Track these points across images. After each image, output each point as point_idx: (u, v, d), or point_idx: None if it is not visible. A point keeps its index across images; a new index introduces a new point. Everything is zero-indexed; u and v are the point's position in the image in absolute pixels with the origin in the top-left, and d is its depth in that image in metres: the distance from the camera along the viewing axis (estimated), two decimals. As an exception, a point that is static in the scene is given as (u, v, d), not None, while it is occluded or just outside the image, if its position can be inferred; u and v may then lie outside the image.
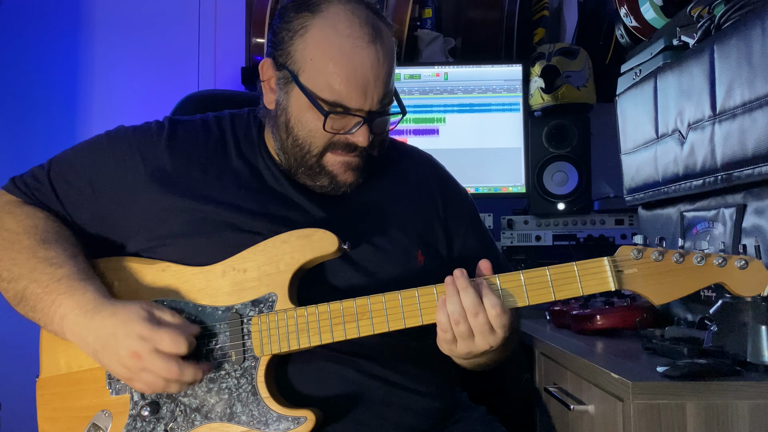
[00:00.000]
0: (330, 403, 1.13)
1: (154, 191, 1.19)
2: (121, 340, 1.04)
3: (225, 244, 1.15)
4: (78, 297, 1.08)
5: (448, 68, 2.50)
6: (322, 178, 1.19)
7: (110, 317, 1.05)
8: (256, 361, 1.10)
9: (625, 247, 1.06)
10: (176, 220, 1.17)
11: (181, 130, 1.26)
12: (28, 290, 1.11)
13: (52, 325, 1.10)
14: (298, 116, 1.16)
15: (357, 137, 1.15)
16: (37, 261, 1.11)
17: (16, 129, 2.80)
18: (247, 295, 1.12)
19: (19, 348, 2.70)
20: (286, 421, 1.08)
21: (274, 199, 1.21)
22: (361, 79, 1.12)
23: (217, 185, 1.20)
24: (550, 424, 1.43)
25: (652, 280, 1.04)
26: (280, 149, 1.21)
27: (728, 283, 1.02)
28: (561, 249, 2.35)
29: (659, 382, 1.02)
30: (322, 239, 1.11)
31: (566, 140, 2.39)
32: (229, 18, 2.80)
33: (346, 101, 1.13)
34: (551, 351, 1.40)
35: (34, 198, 1.21)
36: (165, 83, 2.79)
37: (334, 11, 1.14)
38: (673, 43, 1.65)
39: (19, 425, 2.48)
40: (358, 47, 1.12)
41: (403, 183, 1.31)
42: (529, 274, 1.07)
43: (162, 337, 1.03)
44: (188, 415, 1.11)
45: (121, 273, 1.17)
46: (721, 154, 1.34)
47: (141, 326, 1.04)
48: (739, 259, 1.01)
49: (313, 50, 1.14)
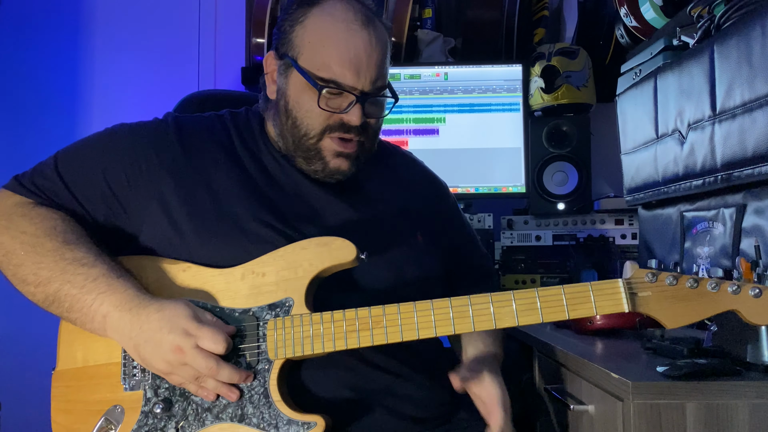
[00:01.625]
0: (336, 395, 1.14)
1: (169, 181, 1.20)
2: (165, 334, 1.06)
3: (234, 237, 1.17)
4: (120, 294, 1.09)
5: (448, 68, 2.50)
6: (316, 162, 1.23)
7: (156, 312, 1.07)
8: (269, 364, 1.11)
9: (639, 270, 1.07)
10: (190, 212, 1.19)
11: (187, 124, 1.28)
12: (61, 292, 1.11)
13: (92, 324, 1.11)
14: (296, 98, 1.22)
15: (351, 116, 1.19)
16: (67, 263, 1.11)
17: (16, 129, 2.80)
18: (264, 298, 1.13)
19: (20, 348, 2.70)
20: (296, 426, 1.08)
21: (279, 192, 1.24)
22: (355, 58, 1.19)
23: (226, 179, 1.22)
24: (550, 424, 1.43)
25: (666, 304, 1.04)
26: (280, 134, 1.26)
27: (741, 311, 1.02)
28: (561, 249, 2.35)
29: (659, 382, 1.02)
30: (341, 248, 1.12)
31: (566, 140, 2.39)
32: (229, 18, 2.80)
33: (340, 78, 1.18)
34: (551, 351, 1.40)
35: (45, 197, 1.20)
36: (165, 83, 2.79)
37: (332, 3, 1.22)
38: (673, 43, 1.66)
39: (19, 425, 2.48)
40: (352, 30, 1.20)
41: (396, 176, 1.38)
42: (544, 293, 1.08)
43: (205, 334, 1.06)
44: (199, 414, 1.11)
45: (142, 272, 1.17)
46: (721, 154, 1.34)
47: (186, 322, 1.06)
48: (753, 287, 1.01)
49: (310, 34, 1.21)
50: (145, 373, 1.13)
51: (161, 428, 1.12)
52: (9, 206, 1.18)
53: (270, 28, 2.50)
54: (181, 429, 1.11)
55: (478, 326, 1.08)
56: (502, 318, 1.08)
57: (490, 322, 1.08)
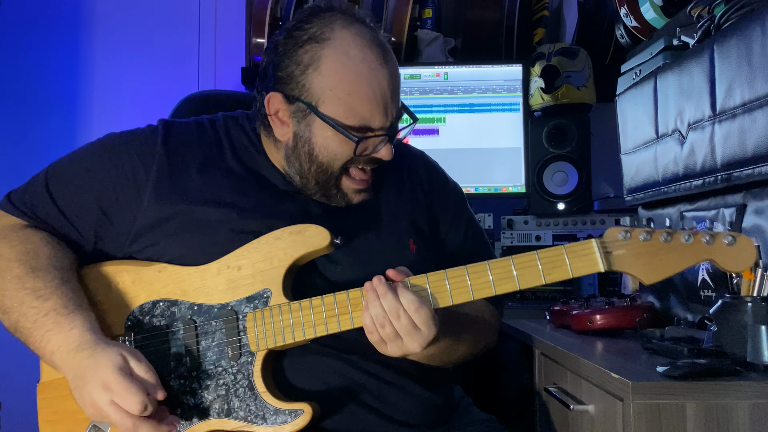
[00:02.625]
0: (324, 397, 1.14)
1: (154, 193, 1.20)
2: (87, 382, 1.05)
3: (221, 243, 1.17)
4: (64, 334, 1.09)
5: (448, 68, 2.50)
6: (338, 199, 1.23)
7: (87, 358, 1.06)
8: (252, 357, 1.12)
9: (613, 229, 1.07)
10: (175, 221, 1.19)
11: (175, 131, 1.27)
12: (19, 324, 1.13)
13: (44, 358, 1.14)
14: (323, 145, 1.18)
15: (383, 154, 1.19)
16: (25, 293, 1.13)
17: (17, 129, 2.80)
18: (241, 292, 1.14)
19: (19, 348, 2.70)
20: (284, 415, 1.09)
21: (270, 197, 1.23)
22: (381, 99, 1.16)
23: (213, 186, 1.22)
24: (550, 424, 1.43)
25: (642, 260, 1.04)
26: (299, 174, 1.22)
27: (716, 260, 1.03)
28: (561, 249, 2.34)
29: (659, 382, 1.02)
30: (314, 235, 1.13)
31: (566, 140, 2.39)
32: (229, 18, 2.80)
33: (371, 123, 1.17)
34: (551, 351, 1.40)
35: (33, 216, 1.21)
36: (165, 83, 2.79)
37: (341, 37, 1.16)
38: (673, 43, 1.65)
39: (19, 425, 2.48)
40: (374, 69, 1.16)
41: (396, 175, 1.34)
42: (518, 259, 1.08)
43: (121, 391, 1.02)
44: (186, 413, 1.12)
45: (118, 276, 1.19)
46: (721, 154, 1.34)
47: (108, 374, 1.03)
48: (726, 235, 1.02)
49: (330, 81, 1.15)
50: None
51: None
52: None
53: (270, 28, 2.50)
54: None
55: (456, 299, 1.08)
56: (479, 289, 1.08)
57: (467, 294, 1.08)
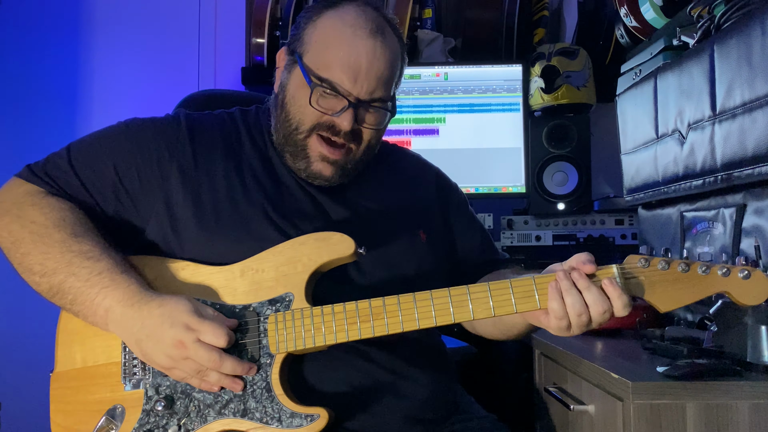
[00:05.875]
0: (340, 392, 1.15)
1: (178, 180, 1.21)
2: (167, 329, 1.06)
3: (238, 237, 1.18)
4: (123, 289, 1.10)
5: (448, 68, 2.50)
6: (300, 160, 1.24)
7: (158, 307, 1.08)
8: (271, 359, 1.12)
9: (632, 256, 1.09)
10: (195, 212, 1.20)
11: (198, 121, 1.29)
12: (65, 284, 1.12)
13: (94, 317, 1.12)
14: (293, 92, 1.23)
15: (341, 120, 1.19)
16: (73, 255, 1.12)
17: (17, 128, 2.80)
18: (264, 294, 1.14)
19: (19, 348, 2.70)
20: (300, 418, 1.09)
21: (283, 191, 1.25)
22: (354, 64, 1.18)
23: (235, 178, 1.24)
24: (550, 424, 1.43)
25: (659, 288, 1.06)
26: (274, 127, 1.27)
27: (731, 293, 1.04)
28: (561, 249, 2.34)
29: (659, 382, 1.02)
30: (339, 243, 1.13)
31: (566, 140, 2.39)
32: (229, 18, 2.80)
33: (337, 81, 1.18)
34: (551, 351, 1.40)
35: (57, 187, 1.20)
36: (165, 83, 2.79)
37: (347, 6, 1.23)
38: (673, 43, 1.66)
39: (19, 425, 2.48)
40: (357, 36, 1.19)
41: (401, 176, 1.37)
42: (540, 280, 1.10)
43: (206, 328, 1.06)
44: (201, 411, 1.12)
45: (141, 270, 1.18)
46: (721, 154, 1.34)
47: (187, 317, 1.07)
48: (742, 269, 1.03)
49: (319, 34, 1.22)
50: (145, 372, 1.14)
51: (163, 426, 1.12)
52: (20, 195, 1.19)
53: (270, 28, 2.49)
54: (183, 426, 1.12)
55: (477, 314, 1.08)
56: (501, 305, 1.08)
57: (489, 311, 1.08)
